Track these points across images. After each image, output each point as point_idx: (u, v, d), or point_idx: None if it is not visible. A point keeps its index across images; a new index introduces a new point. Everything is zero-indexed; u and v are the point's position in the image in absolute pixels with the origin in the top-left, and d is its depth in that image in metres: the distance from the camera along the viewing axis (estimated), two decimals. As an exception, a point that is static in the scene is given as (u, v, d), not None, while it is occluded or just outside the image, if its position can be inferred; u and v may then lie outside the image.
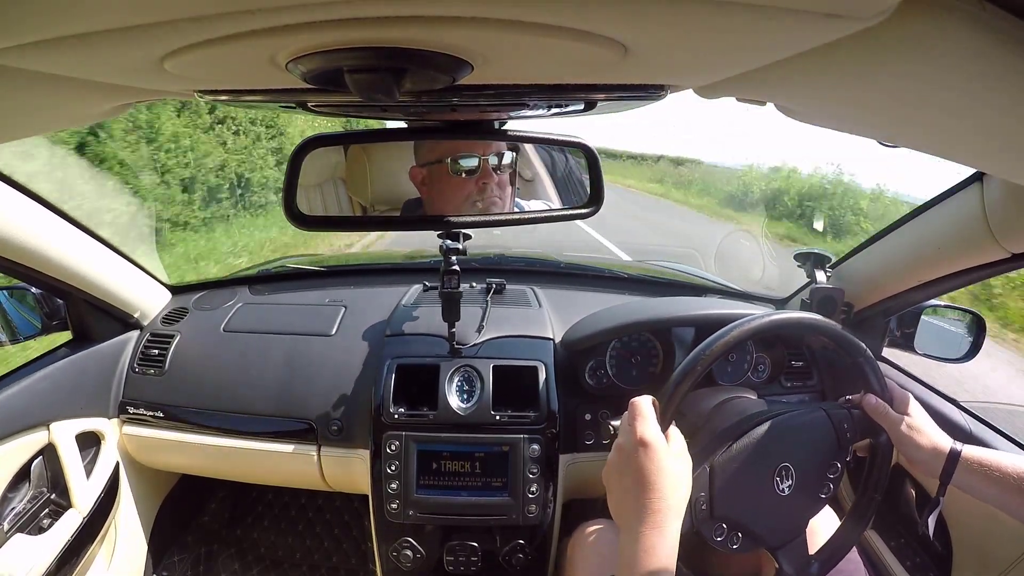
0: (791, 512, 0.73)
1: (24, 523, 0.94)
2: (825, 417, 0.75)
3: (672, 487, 0.58)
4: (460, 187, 0.71)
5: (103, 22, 0.27)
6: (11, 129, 0.55)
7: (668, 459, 0.60)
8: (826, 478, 0.75)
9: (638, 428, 0.61)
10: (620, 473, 0.61)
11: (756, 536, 0.71)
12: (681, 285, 1.50)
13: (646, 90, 0.47)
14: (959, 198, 0.81)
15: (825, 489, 0.75)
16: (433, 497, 0.99)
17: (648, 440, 0.60)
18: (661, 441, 0.61)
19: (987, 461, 0.69)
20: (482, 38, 0.31)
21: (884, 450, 0.78)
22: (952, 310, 1.09)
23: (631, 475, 0.59)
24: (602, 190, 0.74)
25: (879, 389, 0.76)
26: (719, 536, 0.69)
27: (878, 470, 0.78)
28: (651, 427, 0.61)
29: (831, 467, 0.75)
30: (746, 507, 0.70)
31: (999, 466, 0.68)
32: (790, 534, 0.73)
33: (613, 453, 0.63)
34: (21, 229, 0.83)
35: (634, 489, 0.59)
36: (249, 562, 1.49)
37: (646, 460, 0.59)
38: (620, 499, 0.61)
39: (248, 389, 1.10)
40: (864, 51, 0.30)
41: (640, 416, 0.62)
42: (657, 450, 0.60)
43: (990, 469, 0.69)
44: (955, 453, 0.71)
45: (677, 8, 0.26)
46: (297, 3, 0.25)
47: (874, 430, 0.77)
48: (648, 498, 0.57)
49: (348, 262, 1.84)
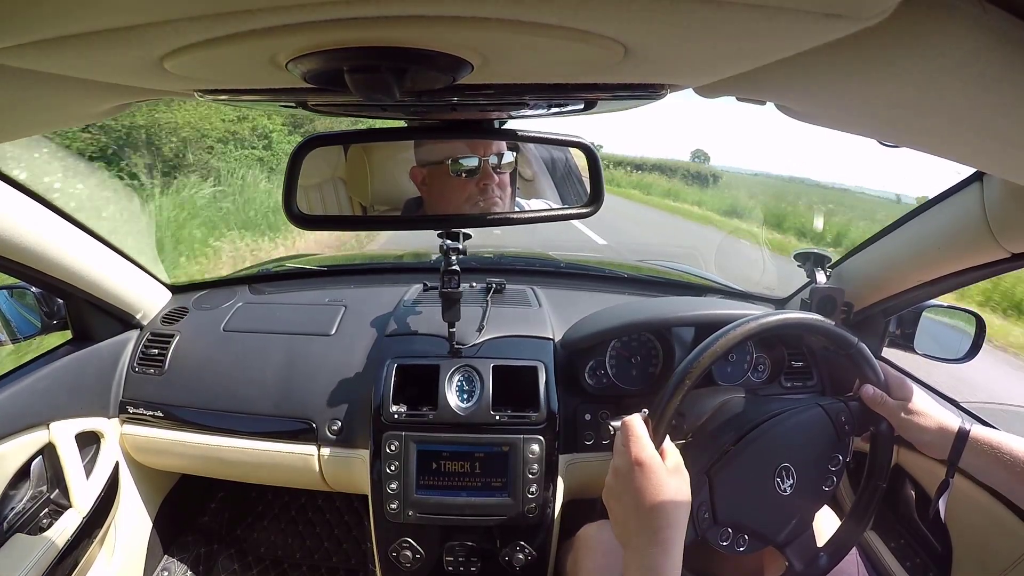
0: (795, 510, 0.73)
1: (24, 523, 0.94)
2: (822, 413, 0.75)
3: (672, 504, 0.58)
4: (461, 188, 0.71)
5: (103, 22, 0.27)
6: (11, 129, 0.55)
7: (665, 477, 0.60)
8: (828, 471, 0.75)
9: (632, 449, 0.61)
10: (618, 496, 0.61)
11: (763, 536, 0.71)
12: (681, 285, 1.50)
13: (646, 90, 0.47)
14: (959, 198, 0.81)
15: (828, 482, 0.75)
16: (433, 497, 0.99)
17: (643, 460, 0.60)
18: (656, 460, 0.61)
19: (997, 443, 0.68)
20: (482, 38, 0.32)
21: (884, 437, 0.77)
22: (952, 310, 1.09)
23: (630, 497, 0.59)
24: (602, 189, 0.74)
25: (875, 378, 0.76)
26: (725, 541, 0.69)
27: (880, 458, 0.78)
28: (645, 447, 0.61)
29: (832, 460, 0.75)
30: (749, 510, 0.70)
31: (1010, 449, 0.66)
32: (796, 530, 0.73)
33: (610, 476, 0.63)
34: (21, 229, 0.83)
35: (635, 511, 0.58)
36: (249, 562, 1.49)
37: (643, 481, 0.59)
38: (622, 521, 0.60)
39: (248, 389, 1.10)
40: (864, 51, 0.30)
41: (633, 436, 0.62)
42: (654, 470, 0.60)
43: (1000, 452, 0.67)
44: (964, 432, 0.69)
45: (677, 8, 0.26)
46: (297, 3, 0.25)
47: (873, 420, 0.77)
48: (649, 518, 0.57)
49: (348, 262, 1.84)
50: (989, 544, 0.84)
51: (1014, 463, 0.66)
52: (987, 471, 0.69)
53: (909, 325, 1.10)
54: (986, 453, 0.68)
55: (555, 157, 0.80)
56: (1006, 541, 0.81)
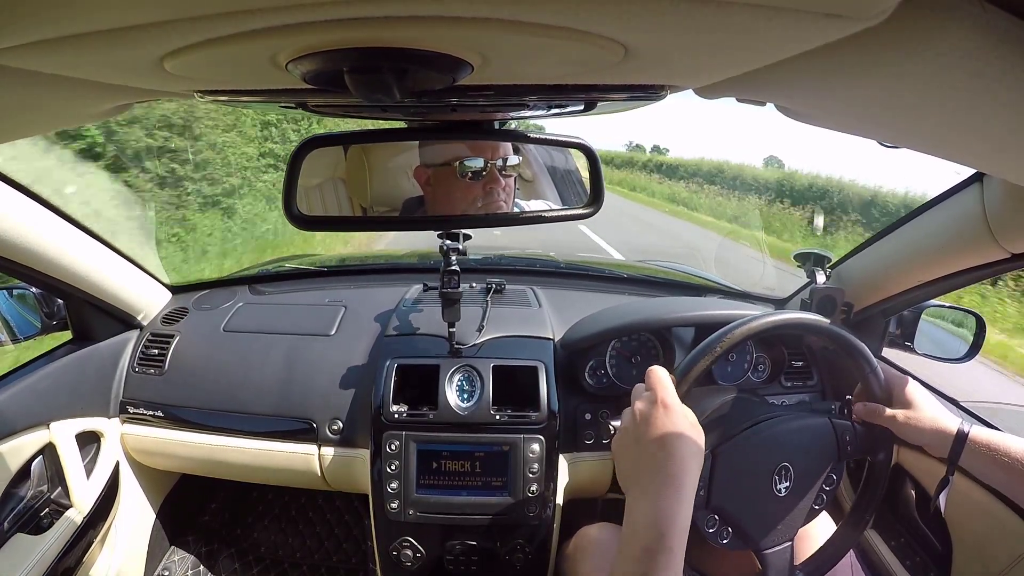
0: (783, 515, 0.73)
1: (24, 523, 0.94)
2: (829, 426, 0.76)
3: (691, 454, 0.57)
4: (467, 190, 0.71)
5: (103, 22, 0.27)
6: (11, 129, 0.55)
7: (688, 425, 0.59)
8: (822, 488, 0.76)
9: (659, 392, 0.60)
10: (637, 438, 0.59)
11: (745, 534, 0.71)
12: (681, 285, 1.50)
13: (646, 90, 0.47)
14: (959, 198, 0.81)
15: (819, 500, 0.76)
16: (433, 497, 0.99)
17: (670, 403, 0.59)
18: (682, 406, 0.60)
19: (996, 444, 0.68)
20: (482, 38, 0.32)
21: (879, 470, 0.78)
22: (952, 310, 1.09)
23: (652, 437, 0.57)
24: (602, 189, 0.74)
25: (875, 381, 0.76)
26: (711, 527, 0.69)
27: (871, 491, 0.79)
28: (672, 392, 0.61)
29: (827, 479, 0.76)
30: (741, 501, 0.71)
31: (1008, 450, 0.67)
32: (779, 538, 0.73)
33: (628, 418, 0.61)
34: (21, 229, 0.83)
35: (655, 451, 0.57)
36: (249, 562, 1.49)
37: (668, 423, 0.58)
38: (636, 462, 0.58)
39: (248, 389, 1.10)
40: (864, 51, 0.30)
41: (661, 382, 0.61)
42: (680, 414, 0.59)
43: (999, 453, 0.67)
44: (962, 434, 0.69)
45: (677, 8, 0.26)
46: (297, 3, 0.25)
47: (873, 449, 0.77)
48: (668, 462, 0.56)
49: (348, 262, 1.84)
50: (989, 544, 0.84)
51: (1012, 464, 0.66)
52: (986, 472, 0.69)
53: (909, 325, 1.10)
54: (984, 455, 0.68)
55: (555, 157, 0.81)
56: (1006, 541, 0.81)
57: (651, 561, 0.51)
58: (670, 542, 0.52)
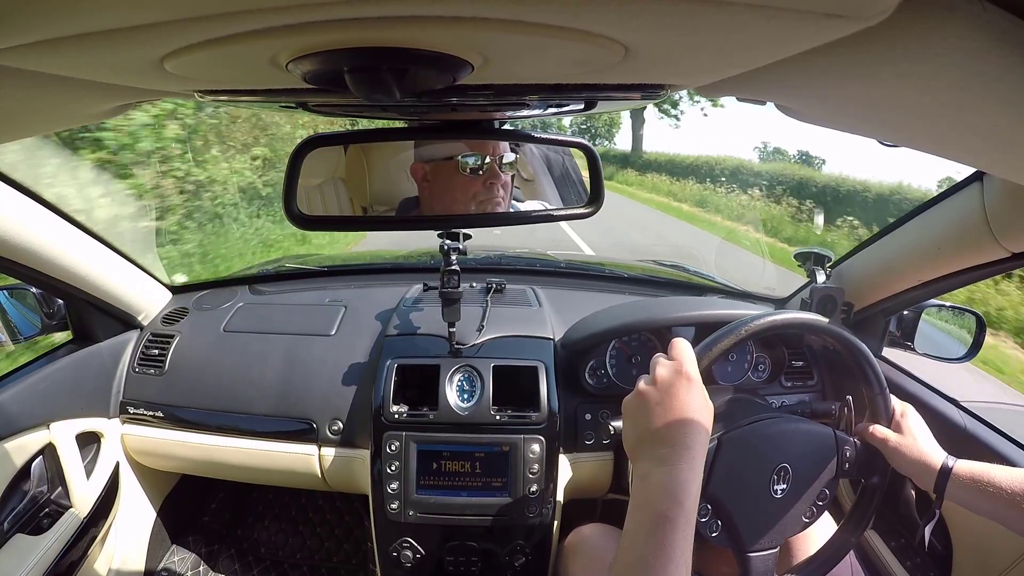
0: (775, 518, 0.73)
1: (24, 523, 0.94)
2: (831, 437, 0.76)
3: (705, 429, 0.57)
4: (466, 185, 0.71)
5: (103, 22, 0.27)
6: (11, 129, 0.55)
7: (705, 399, 0.59)
8: (814, 501, 0.76)
9: (684, 363, 0.59)
10: (654, 404, 0.58)
11: (734, 531, 0.71)
12: (681, 285, 1.50)
13: (646, 90, 0.47)
14: (959, 198, 0.81)
15: (809, 512, 0.76)
16: (433, 497, 0.99)
17: (691, 375, 0.59)
18: (700, 380, 0.59)
19: (980, 476, 0.69)
20: (482, 38, 0.32)
21: (871, 493, 0.79)
22: (952, 310, 1.09)
23: (672, 406, 0.57)
24: (602, 189, 0.74)
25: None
26: (703, 517, 0.70)
27: (861, 512, 0.80)
28: (694, 365, 0.60)
29: (820, 493, 0.76)
30: (737, 495, 0.71)
31: (992, 480, 0.68)
32: (765, 543, 0.73)
33: (646, 385, 0.60)
34: (21, 229, 0.83)
35: (672, 420, 0.56)
36: (249, 562, 1.49)
37: (687, 394, 0.57)
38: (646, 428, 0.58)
39: (248, 389, 1.10)
40: (864, 51, 0.30)
41: (685, 353, 0.60)
42: (699, 387, 0.59)
43: (983, 484, 0.68)
44: (946, 469, 0.71)
45: (677, 8, 0.26)
46: (297, 3, 0.25)
47: (868, 471, 0.78)
48: (683, 432, 0.55)
49: (348, 262, 1.84)
50: (989, 544, 0.84)
51: (998, 493, 0.67)
52: (973, 503, 0.70)
53: (909, 325, 1.10)
54: (969, 487, 0.70)
55: (552, 157, 0.81)
56: (1006, 541, 0.81)
57: (668, 526, 0.50)
58: (688, 510, 0.51)
